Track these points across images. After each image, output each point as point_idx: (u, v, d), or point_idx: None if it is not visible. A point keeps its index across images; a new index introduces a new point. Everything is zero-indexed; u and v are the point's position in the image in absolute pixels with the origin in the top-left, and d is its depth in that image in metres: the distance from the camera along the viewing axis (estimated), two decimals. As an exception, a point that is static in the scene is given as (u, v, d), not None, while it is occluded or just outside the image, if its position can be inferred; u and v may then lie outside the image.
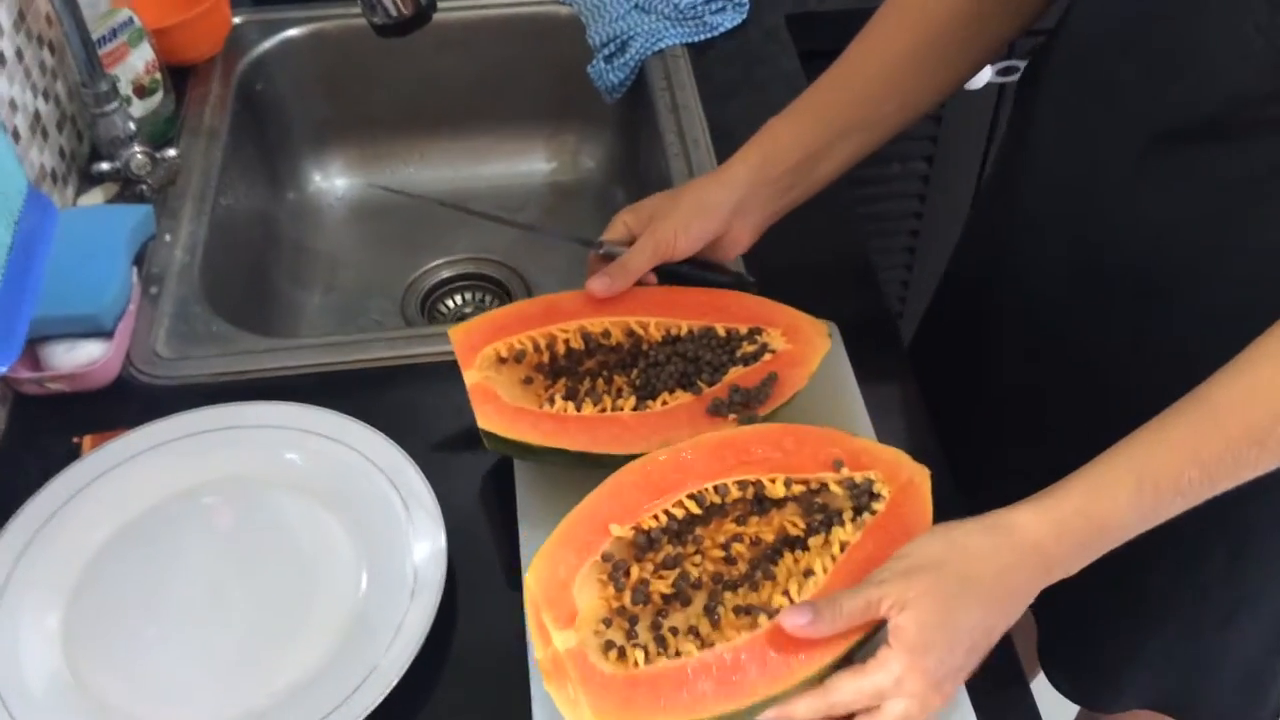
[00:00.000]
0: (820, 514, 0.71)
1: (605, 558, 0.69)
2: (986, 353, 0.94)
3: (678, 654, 0.66)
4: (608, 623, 0.68)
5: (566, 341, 0.81)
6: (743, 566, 0.73)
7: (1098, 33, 0.75)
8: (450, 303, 1.23)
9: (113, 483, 0.81)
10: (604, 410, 0.78)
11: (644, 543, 0.70)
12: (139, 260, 0.98)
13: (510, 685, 0.72)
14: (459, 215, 1.26)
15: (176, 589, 0.78)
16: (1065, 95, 0.80)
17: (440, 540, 0.77)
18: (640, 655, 0.66)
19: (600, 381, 0.83)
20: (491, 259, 1.25)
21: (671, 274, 0.85)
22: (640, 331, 0.82)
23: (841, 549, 0.69)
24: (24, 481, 0.82)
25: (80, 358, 0.89)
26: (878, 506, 0.70)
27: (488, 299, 1.23)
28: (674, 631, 0.69)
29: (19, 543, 0.77)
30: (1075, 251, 0.80)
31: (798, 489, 0.71)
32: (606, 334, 0.82)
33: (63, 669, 0.73)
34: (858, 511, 0.70)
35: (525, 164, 1.33)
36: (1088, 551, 0.64)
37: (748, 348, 0.81)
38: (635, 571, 0.70)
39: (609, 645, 0.67)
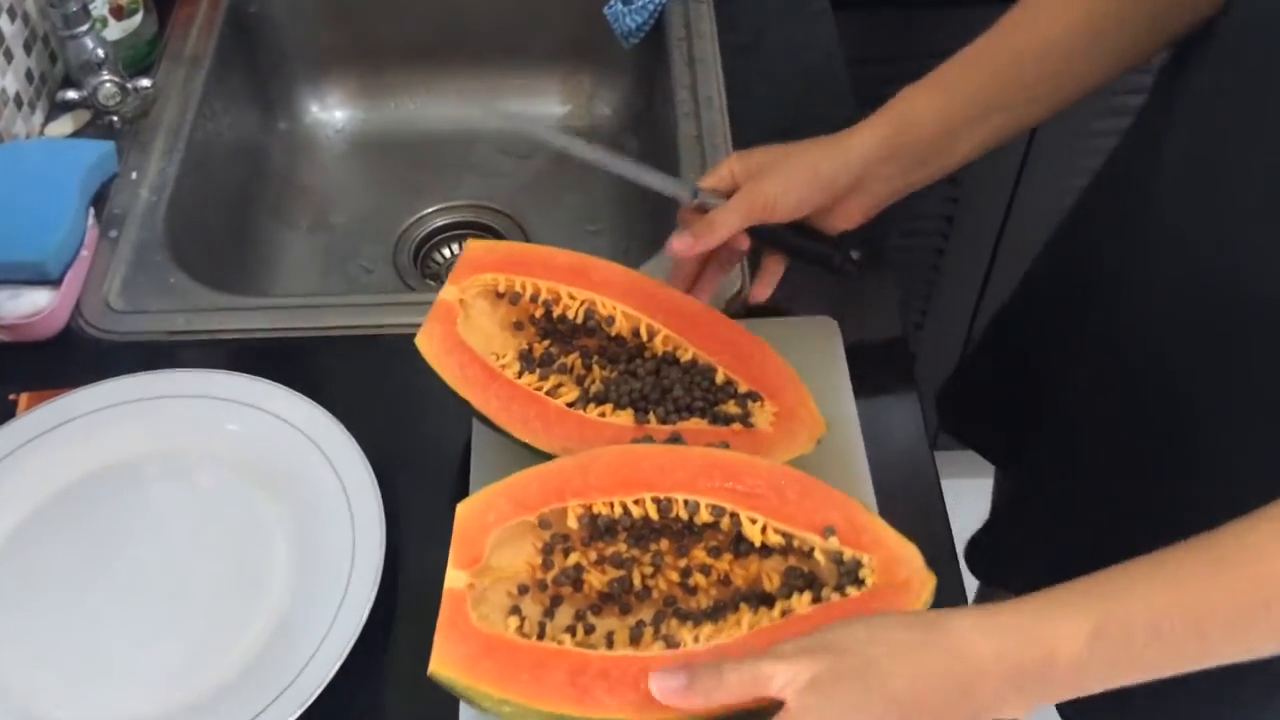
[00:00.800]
0: (801, 579, 0.64)
1: (543, 523, 0.64)
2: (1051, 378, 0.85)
3: (559, 643, 0.61)
4: (524, 589, 0.64)
5: (568, 309, 0.75)
6: (704, 601, 0.66)
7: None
8: (446, 252, 1.16)
9: (42, 450, 0.76)
10: (547, 391, 0.72)
11: (595, 530, 0.65)
12: (100, 200, 0.92)
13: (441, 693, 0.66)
14: (462, 156, 1.21)
15: (107, 570, 0.72)
16: (1221, 89, 0.68)
17: (378, 537, 0.71)
18: (532, 633, 0.62)
19: (579, 363, 0.76)
20: (493, 207, 1.18)
21: (765, 233, 0.77)
22: (644, 337, 0.75)
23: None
24: (-44, 437, 0.77)
25: (23, 307, 0.83)
26: (853, 592, 0.62)
27: (486, 250, 1.16)
28: (589, 629, 0.64)
29: (-65, 512, 0.73)
30: (1210, 277, 0.69)
31: (776, 539, 0.64)
32: (611, 321, 0.74)
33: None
34: (839, 589, 0.62)
35: (538, 106, 1.25)
36: (1026, 683, 0.53)
37: (729, 408, 0.73)
38: (575, 556, 0.65)
39: (515, 610, 0.63)
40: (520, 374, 0.73)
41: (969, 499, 0.98)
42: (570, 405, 0.72)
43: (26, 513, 0.74)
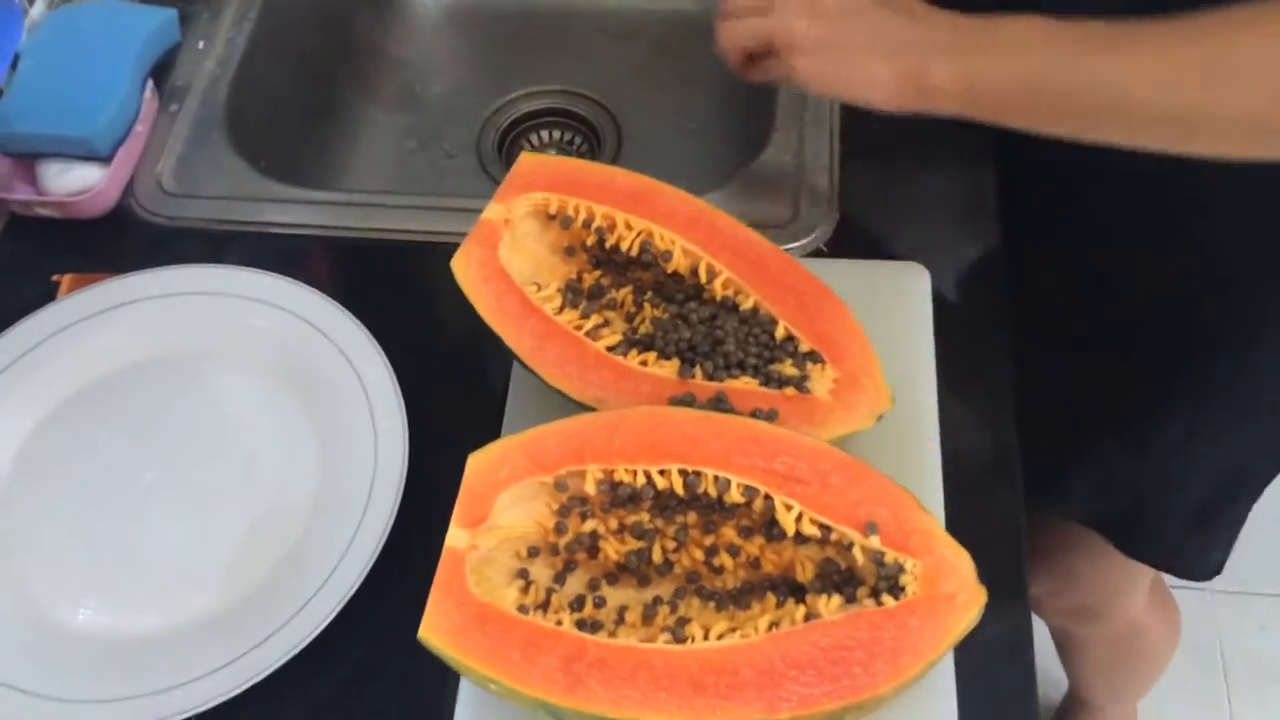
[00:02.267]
0: (837, 574, 0.58)
1: (559, 485, 0.60)
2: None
3: (559, 623, 0.56)
4: (534, 552, 0.60)
5: (622, 240, 0.68)
6: (730, 582, 0.61)
7: None
8: (533, 139, 1.09)
9: (76, 340, 0.74)
10: (589, 330, 0.66)
11: (616, 497, 0.60)
12: (164, 71, 0.87)
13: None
14: (559, 35, 1.12)
15: (129, 470, 0.71)
16: None
17: (400, 448, 0.68)
18: (536, 600, 0.58)
19: (630, 299, 0.70)
20: (588, 95, 1.10)
21: None
22: (704, 278, 0.68)
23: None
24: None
25: (72, 183, 0.80)
26: (888, 601, 0.55)
27: (576, 141, 1.09)
28: (599, 602, 0.59)
29: (-33, 393, 0.71)
30: None
31: (811, 530, 0.57)
32: (668, 256, 0.68)
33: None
34: (875, 594, 0.56)
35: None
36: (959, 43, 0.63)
37: (785, 368, 0.65)
38: (593, 522, 0.60)
39: (522, 574, 0.59)
40: (561, 309, 0.67)
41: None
42: (611, 349, 0.66)
43: (55, 404, 0.73)
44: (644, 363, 0.65)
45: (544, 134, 1.09)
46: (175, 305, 0.75)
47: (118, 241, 0.81)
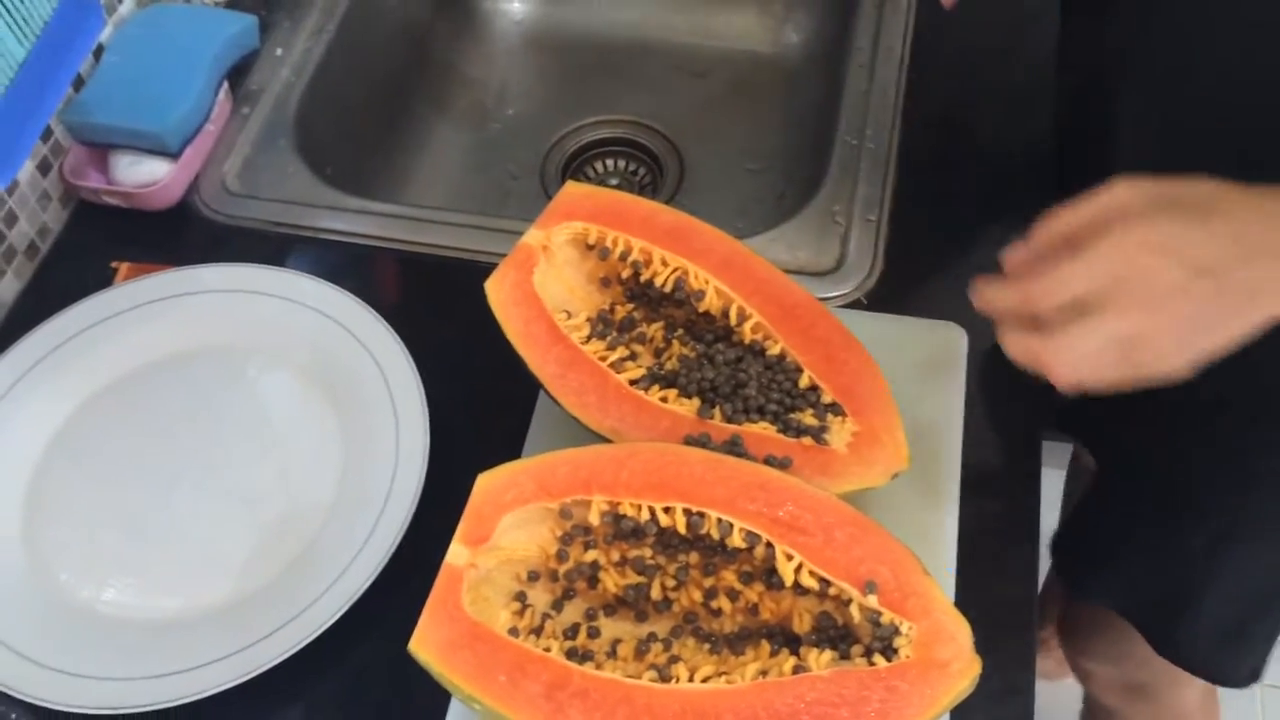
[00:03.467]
0: (833, 631, 0.57)
1: (564, 513, 0.60)
2: None
3: (548, 650, 0.57)
4: (534, 576, 0.61)
5: (657, 276, 0.69)
6: (727, 625, 0.61)
7: None
8: (596, 168, 1.10)
9: (123, 328, 0.76)
10: (613, 363, 0.67)
11: (620, 529, 0.60)
12: (239, 75, 0.90)
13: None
14: (636, 67, 1.14)
15: (159, 458, 0.73)
16: None
17: (420, 459, 0.69)
18: (530, 625, 0.59)
19: (660, 335, 0.70)
20: (655, 128, 1.11)
21: None
22: (734, 320, 0.68)
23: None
24: (62, 292, 0.78)
25: (140, 175, 0.83)
26: (880, 662, 0.55)
27: (640, 172, 1.10)
28: (594, 633, 0.60)
29: (11, 376, 0.74)
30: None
31: (810, 582, 0.57)
32: (701, 295, 0.68)
33: (18, 531, 0.70)
34: (869, 653, 0.55)
35: (725, 22, 1.16)
36: None
37: (805, 417, 0.65)
38: (595, 553, 0.61)
39: (520, 596, 0.60)
40: (589, 338, 0.68)
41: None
42: (634, 382, 0.66)
43: (99, 386, 0.75)
44: (664, 399, 0.66)
45: (609, 163, 1.10)
46: (221, 301, 0.77)
47: (177, 235, 0.83)
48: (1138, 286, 0.50)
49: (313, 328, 0.75)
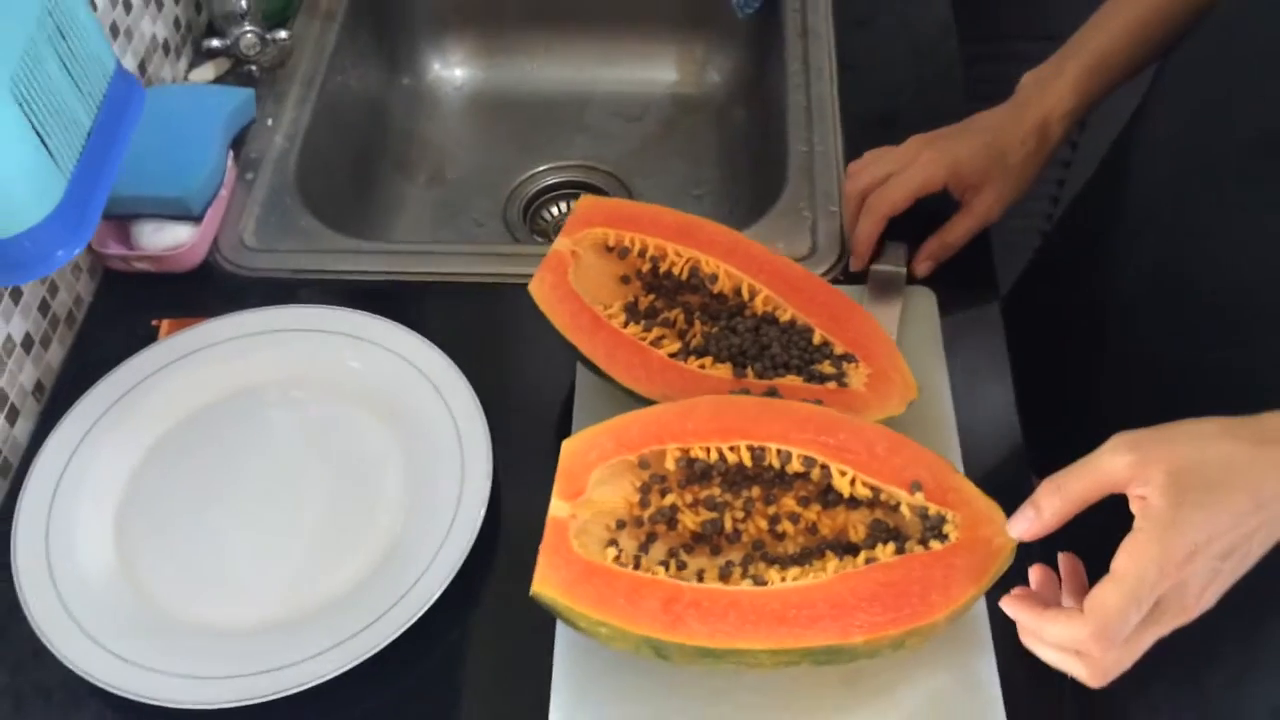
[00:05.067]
0: (885, 533, 0.67)
1: (642, 464, 0.68)
2: (1074, 341, 0.88)
3: (654, 574, 0.65)
4: (622, 524, 0.68)
5: (673, 266, 0.79)
6: (790, 547, 0.69)
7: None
8: (555, 210, 1.20)
9: (181, 373, 0.82)
10: (650, 342, 0.76)
11: (692, 473, 0.69)
12: (238, 144, 0.97)
13: (538, 623, 0.71)
14: (575, 117, 1.24)
15: (230, 487, 0.78)
16: (1192, 76, 0.71)
17: (486, 470, 0.75)
18: (628, 564, 0.66)
19: (682, 318, 0.80)
20: (601, 169, 1.21)
21: None
22: (745, 296, 0.78)
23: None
24: (104, 357, 0.83)
25: (166, 240, 0.89)
26: (935, 546, 0.64)
27: (593, 210, 1.19)
28: (681, 566, 0.68)
29: (85, 423, 0.79)
30: (1164, 264, 0.73)
31: (864, 492, 0.67)
32: (714, 279, 0.78)
33: (113, 555, 0.75)
34: (924, 543, 0.65)
35: (651, 71, 1.28)
36: None
37: (824, 368, 0.75)
38: (672, 496, 0.69)
39: (612, 544, 0.67)
40: (625, 325, 0.77)
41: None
42: (673, 355, 0.75)
43: (163, 432, 0.80)
44: (702, 366, 0.75)
45: (564, 205, 1.20)
46: (273, 340, 0.83)
47: (205, 291, 0.89)
48: (1177, 599, 0.53)
49: (362, 355, 0.82)
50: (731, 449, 0.68)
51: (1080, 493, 0.56)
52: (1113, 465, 0.54)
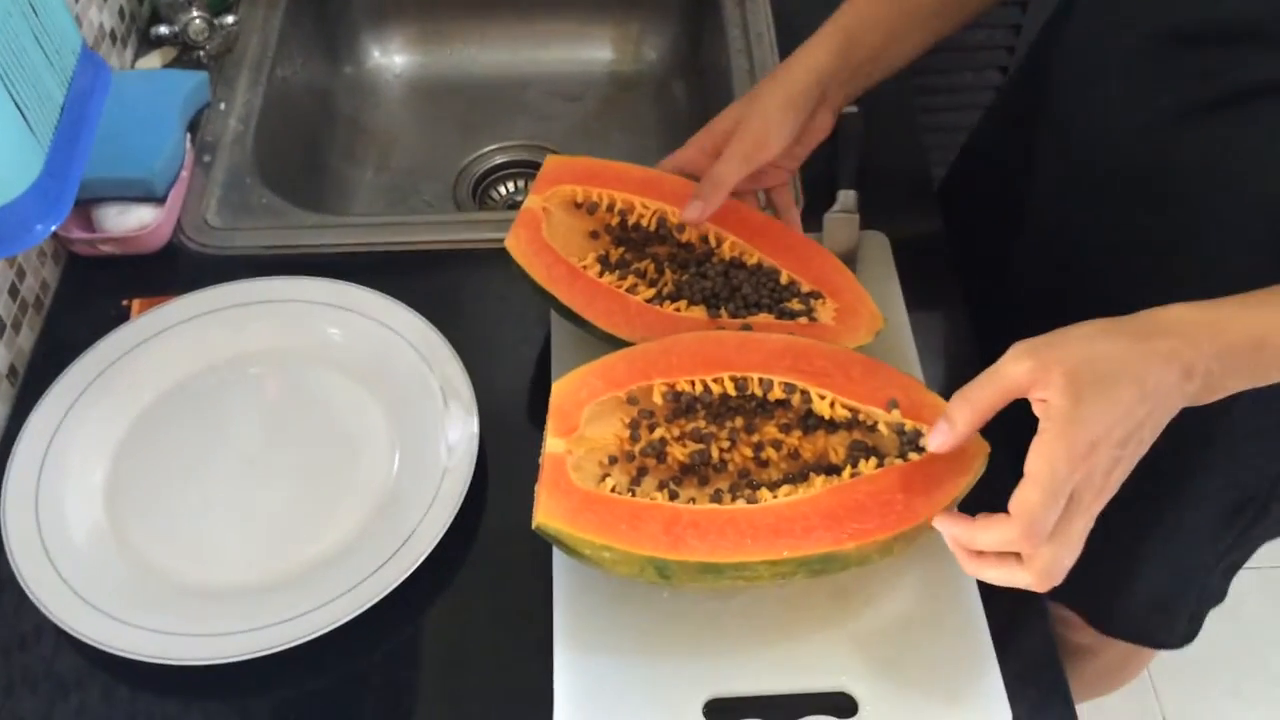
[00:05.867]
0: (865, 452, 0.70)
1: (631, 400, 0.71)
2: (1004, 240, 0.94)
3: (651, 499, 0.67)
4: (613, 460, 0.71)
5: (641, 218, 0.81)
6: (775, 474, 0.73)
7: None
8: (502, 189, 1.22)
9: (161, 346, 0.83)
10: (625, 290, 0.79)
11: (677, 406, 0.72)
12: (193, 127, 0.98)
13: (532, 569, 0.73)
14: (516, 99, 1.27)
15: (217, 454, 0.79)
16: None
17: (473, 425, 0.77)
18: (626, 494, 0.68)
19: (652, 268, 0.83)
20: (547, 147, 1.24)
21: None
22: (713, 243, 0.81)
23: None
24: (74, 339, 0.84)
25: (131, 222, 0.89)
26: (914, 457, 0.68)
27: (540, 188, 1.22)
28: (674, 495, 0.70)
29: (68, 399, 0.79)
30: (1067, 150, 0.79)
31: (843, 414, 0.70)
32: (681, 228, 0.81)
33: (104, 524, 0.75)
34: (903, 456, 0.69)
35: (587, 51, 1.31)
36: (1229, 363, 0.59)
37: (794, 305, 0.79)
38: (660, 430, 0.71)
39: (605, 478, 0.70)
40: (600, 274, 0.80)
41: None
42: (648, 301, 0.78)
43: (146, 404, 0.81)
44: (677, 309, 0.78)
45: (512, 184, 1.22)
46: (245, 312, 0.84)
47: (173, 271, 0.90)
48: (1089, 487, 0.58)
49: (343, 322, 0.84)
50: (715, 380, 0.71)
51: (987, 400, 0.60)
52: (1014, 372, 0.58)
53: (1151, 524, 0.90)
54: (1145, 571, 0.94)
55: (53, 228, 0.72)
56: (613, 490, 0.69)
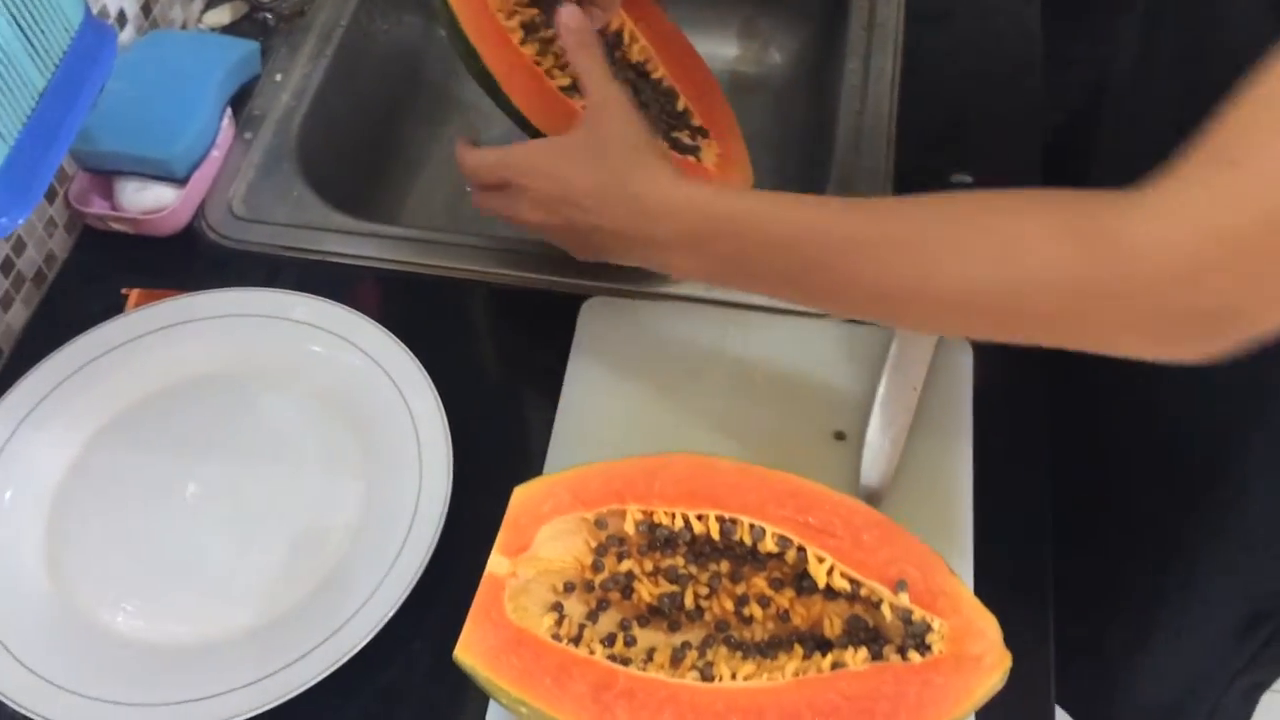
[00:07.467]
0: (864, 632, 0.59)
1: (599, 523, 0.61)
2: None
3: (591, 653, 0.58)
4: (570, 587, 0.61)
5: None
6: (758, 633, 0.62)
7: None
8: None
9: (140, 352, 0.76)
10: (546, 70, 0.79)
11: (654, 539, 0.62)
12: (240, 100, 0.91)
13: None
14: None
15: (180, 472, 0.73)
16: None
17: (444, 479, 0.69)
18: (570, 634, 0.59)
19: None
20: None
21: None
22: (626, 40, 0.82)
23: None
24: (68, 320, 0.79)
25: (148, 201, 0.83)
26: (914, 658, 0.56)
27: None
28: (630, 641, 0.60)
29: (34, 397, 0.74)
30: None
31: (842, 584, 0.59)
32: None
33: (44, 578, 0.69)
34: (902, 651, 0.57)
35: (712, 44, 1.17)
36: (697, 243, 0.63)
37: (683, 136, 0.80)
38: (629, 563, 0.62)
39: (556, 607, 0.60)
40: (524, 41, 0.78)
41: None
42: (564, 89, 0.78)
43: (115, 412, 0.75)
44: (583, 107, 0.72)
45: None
46: (236, 326, 0.77)
47: (185, 260, 0.84)
48: (517, 197, 0.70)
49: (327, 350, 0.76)
50: (699, 517, 0.61)
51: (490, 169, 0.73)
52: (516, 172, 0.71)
53: (1150, 627, 0.86)
54: (1144, 681, 0.90)
55: (18, 223, 0.65)
56: (559, 622, 0.59)
